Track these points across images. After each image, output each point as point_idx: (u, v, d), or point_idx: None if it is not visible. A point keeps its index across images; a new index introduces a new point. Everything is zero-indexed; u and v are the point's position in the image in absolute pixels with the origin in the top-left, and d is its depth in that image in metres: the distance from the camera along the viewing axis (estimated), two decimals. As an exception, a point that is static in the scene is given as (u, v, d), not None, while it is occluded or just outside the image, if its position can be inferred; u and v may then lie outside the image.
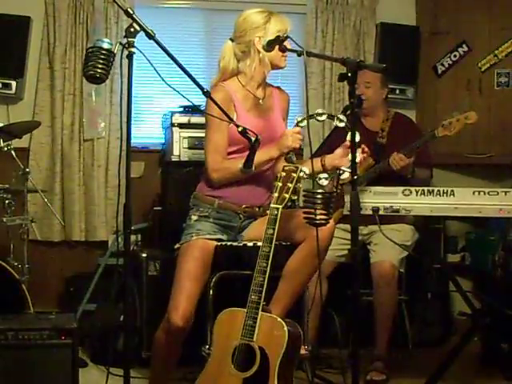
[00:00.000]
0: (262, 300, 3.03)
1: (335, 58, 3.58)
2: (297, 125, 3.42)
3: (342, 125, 3.30)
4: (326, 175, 3.26)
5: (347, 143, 3.27)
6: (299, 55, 3.19)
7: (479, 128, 5.38)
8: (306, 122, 3.36)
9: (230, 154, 3.48)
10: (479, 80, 5.73)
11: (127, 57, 2.75)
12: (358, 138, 3.17)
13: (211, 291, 3.48)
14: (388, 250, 4.44)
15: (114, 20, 5.50)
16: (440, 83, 5.91)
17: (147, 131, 5.73)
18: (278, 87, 3.72)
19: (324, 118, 3.40)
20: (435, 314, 5.34)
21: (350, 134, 2.99)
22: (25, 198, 4.56)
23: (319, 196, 3.05)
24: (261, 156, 3.34)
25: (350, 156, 2.91)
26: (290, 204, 3.19)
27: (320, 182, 3.22)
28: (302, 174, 3.12)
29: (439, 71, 5.89)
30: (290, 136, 3.36)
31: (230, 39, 3.56)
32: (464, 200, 3.54)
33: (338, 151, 3.49)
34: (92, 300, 4.93)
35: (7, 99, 5.40)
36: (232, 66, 3.56)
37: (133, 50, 2.75)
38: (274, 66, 3.54)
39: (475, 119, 4.21)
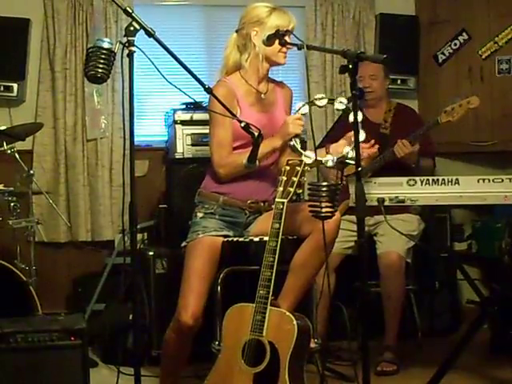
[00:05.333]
0: (271, 295, 3.03)
1: (335, 51, 3.57)
2: (297, 112, 3.40)
3: (342, 107, 3.26)
4: (330, 157, 3.24)
5: (351, 133, 3.24)
6: (299, 49, 3.18)
7: (482, 115, 5.38)
8: (306, 108, 3.35)
9: (234, 149, 3.47)
10: (480, 68, 5.71)
11: (128, 55, 2.75)
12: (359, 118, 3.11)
13: (219, 287, 3.47)
14: (394, 240, 4.44)
15: (114, 19, 5.48)
16: (441, 72, 5.89)
17: (150, 129, 5.73)
18: (281, 82, 3.71)
19: (324, 102, 3.35)
20: (443, 303, 5.34)
21: (351, 114, 2.95)
22: (30, 200, 4.56)
23: (324, 189, 3.04)
24: (264, 147, 3.31)
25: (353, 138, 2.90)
26: (295, 198, 3.19)
27: (327, 164, 3.20)
28: (306, 167, 3.11)
29: (440, 60, 5.87)
30: (291, 123, 3.34)
31: (236, 31, 3.56)
32: (469, 188, 3.52)
33: (343, 141, 3.45)
34: (100, 300, 4.93)
35: (9, 102, 5.39)
36: (234, 58, 3.56)
37: (133, 48, 2.76)
38: (273, 63, 3.53)
39: (478, 103, 4.19)
